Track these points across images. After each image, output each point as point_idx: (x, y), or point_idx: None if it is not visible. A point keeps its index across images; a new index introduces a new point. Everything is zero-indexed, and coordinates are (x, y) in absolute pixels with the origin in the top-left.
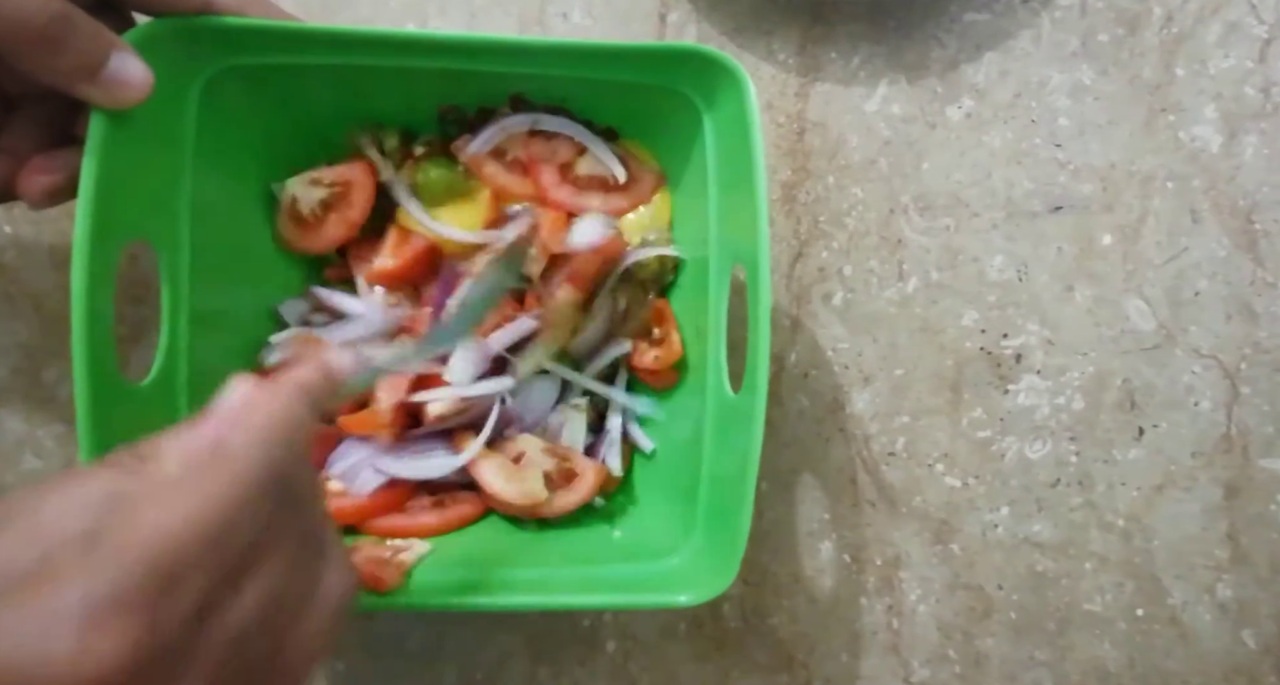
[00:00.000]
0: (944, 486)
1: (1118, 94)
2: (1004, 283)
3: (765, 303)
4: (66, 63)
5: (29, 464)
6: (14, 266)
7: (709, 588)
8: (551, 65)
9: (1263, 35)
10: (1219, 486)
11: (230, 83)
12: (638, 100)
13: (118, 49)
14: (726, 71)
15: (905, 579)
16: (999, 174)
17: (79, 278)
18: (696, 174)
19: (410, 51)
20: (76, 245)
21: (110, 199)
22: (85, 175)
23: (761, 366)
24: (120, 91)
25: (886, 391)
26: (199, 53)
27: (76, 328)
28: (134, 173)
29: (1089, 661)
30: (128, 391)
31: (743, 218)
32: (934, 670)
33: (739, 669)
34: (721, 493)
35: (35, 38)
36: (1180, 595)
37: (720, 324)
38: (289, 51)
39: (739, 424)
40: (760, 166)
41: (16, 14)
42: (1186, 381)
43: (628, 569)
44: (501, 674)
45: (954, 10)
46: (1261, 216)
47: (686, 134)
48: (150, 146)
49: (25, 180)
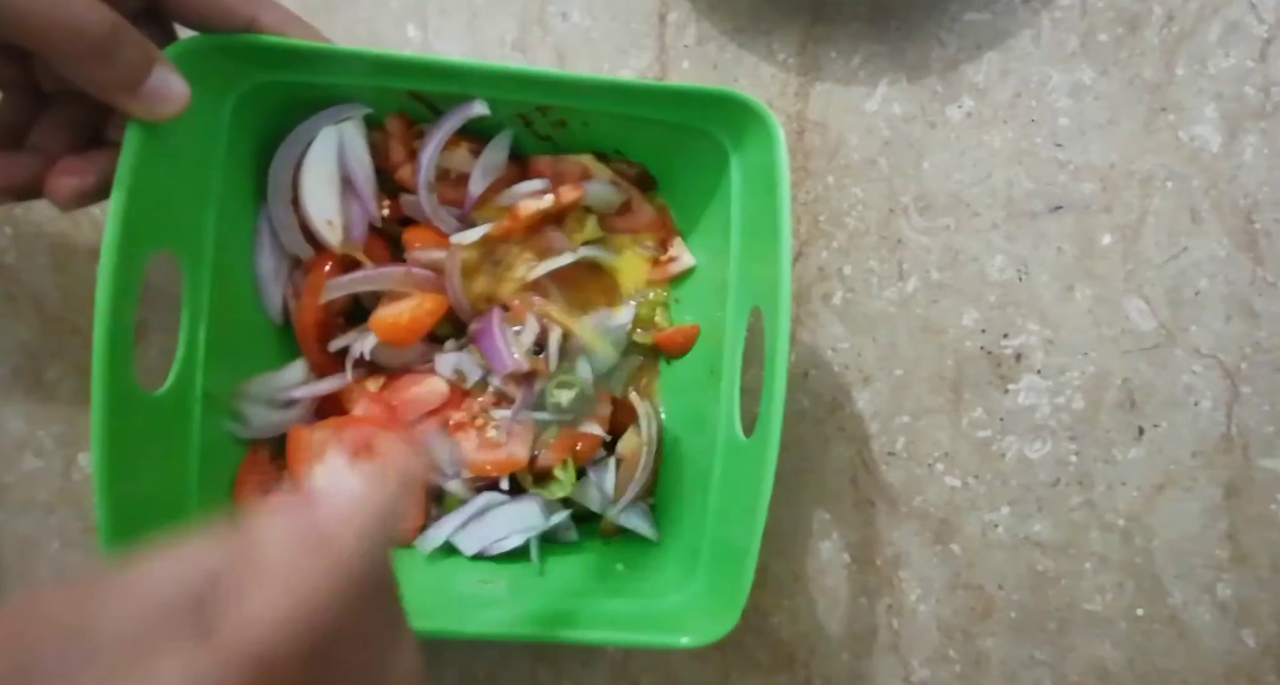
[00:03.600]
0: (944, 486)
1: (1118, 93)
2: (1004, 282)
3: (784, 348)
4: (112, 75)
5: (29, 464)
6: (15, 267)
7: (711, 631)
8: (582, 99)
9: (1263, 35)
10: (1219, 486)
11: (262, 98)
12: (666, 138)
13: (160, 64)
14: (757, 116)
15: (905, 579)
16: (999, 174)
17: (105, 286)
18: (719, 214)
19: (445, 78)
20: (104, 253)
21: (140, 209)
22: (118, 185)
23: (775, 413)
24: (158, 105)
25: (886, 391)
26: (235, 69)
27: (98, 336)
28: (165, 184)
29: (1089, 661)
30: (142, 400)
31: (765, 262)
32: (934, 670)
33: (739, 669)
34: (728, 535)
35: (88, 48)
36: (1180, 595)
37: (735, 365)
38: (324, 72)
39: (749, 469)
40: (786, 213)
41: (74, 23)
42: (1187, 381)
43: (630, 604)
44: (502, 675)
45: (954, 10)
46: (1262, 216)
47: (712, 174)
48: (182, 159)
49: (54, 180)
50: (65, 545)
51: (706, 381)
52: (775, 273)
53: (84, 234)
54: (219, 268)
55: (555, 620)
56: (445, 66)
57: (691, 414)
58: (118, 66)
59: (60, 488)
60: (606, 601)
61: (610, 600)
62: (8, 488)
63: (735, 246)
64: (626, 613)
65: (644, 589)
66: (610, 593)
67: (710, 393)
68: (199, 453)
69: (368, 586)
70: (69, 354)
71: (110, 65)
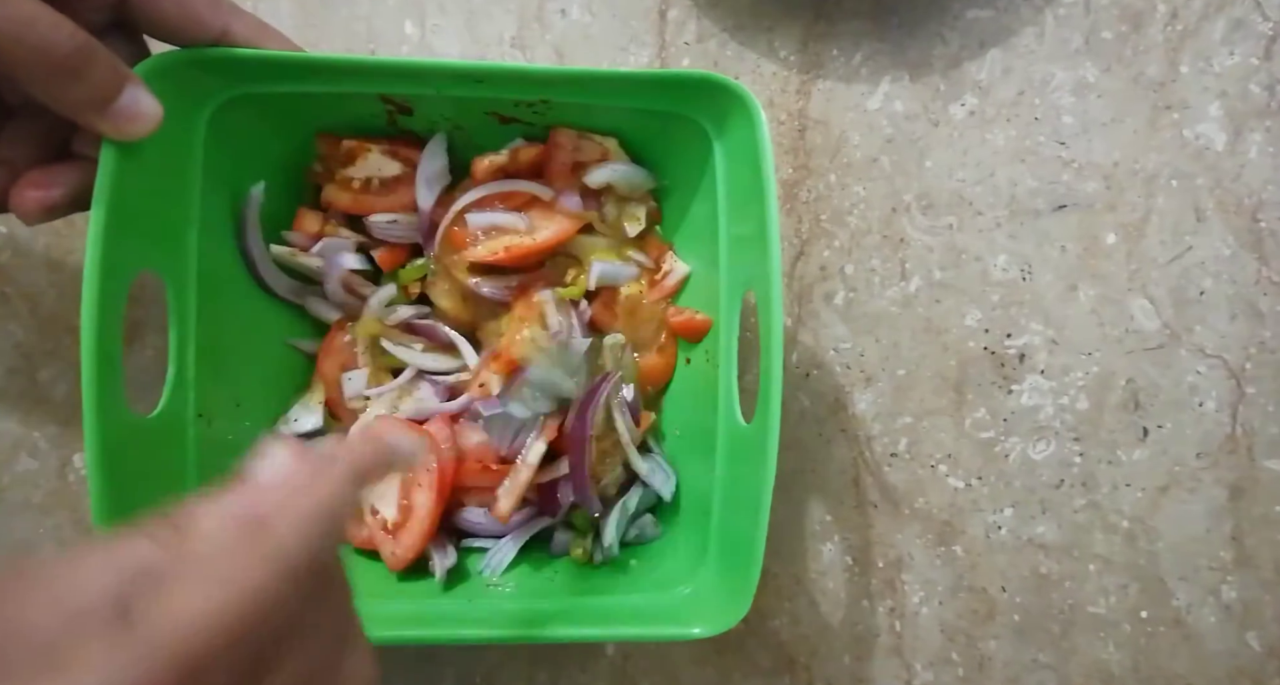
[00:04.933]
0: (947, 488)
1: (1122, 91)
2: (1007, 282)
3: (778, 330)
4: (80, 94)
5: (24, 465)
6: (9, 266)
7: (722, 620)
8: (564, 92)
9: (1268, 32)
10: (1224, 488)
11: (237, 111)
12: (649, 125)
13: (130, 83)
14: (738, 99)
15: (908, 581)
16: (1002, 172)
17: (89, 311)
18: (706, 200)
19: (422, 80)
20: (87, 278)
21: (121, 230)
22: (96, 206)
23: (774, 396)
24: (129, 125)
25: (889, 392)
26: (209, 82)
27: (86, 361)
28: (143, 203)
29: (1093, 664)
30: (135, 424)
31: (753, 244)
32: (937, 673)
33: (740, 672)
34: (734, 523)
35: (56, 67)
36: (1184, 597)
37: (731, 350)
38: (300, 80)
39: (751, 455)
40: (772, 194)
41: (41, 41)
42: (1191, 382)
43: (640, 599)
44: (500, 678)
45: (957, 7)
46: (1266, 215)
47: (697, 159)
48: (159, 176)
49: (19, 194)
50: (61, 547)
51: (704, 371)
52: (764, 251)
53: (79, 234)
54: (205, 287)
55: (564, 619)
56: (419, 68)
57: (691, 406)
58: (86, 86)
59: (55, 489)
60: (614, 597)
61: (618, 596)
62: (2, 489)
63: (723, 232)
64: (635, 607)
65: (652, 582)
66: (618, 588)
67: (709, 382)
68: (196, 473)
69: (308, 580)
70: (63, 354)
71: (79, 84)
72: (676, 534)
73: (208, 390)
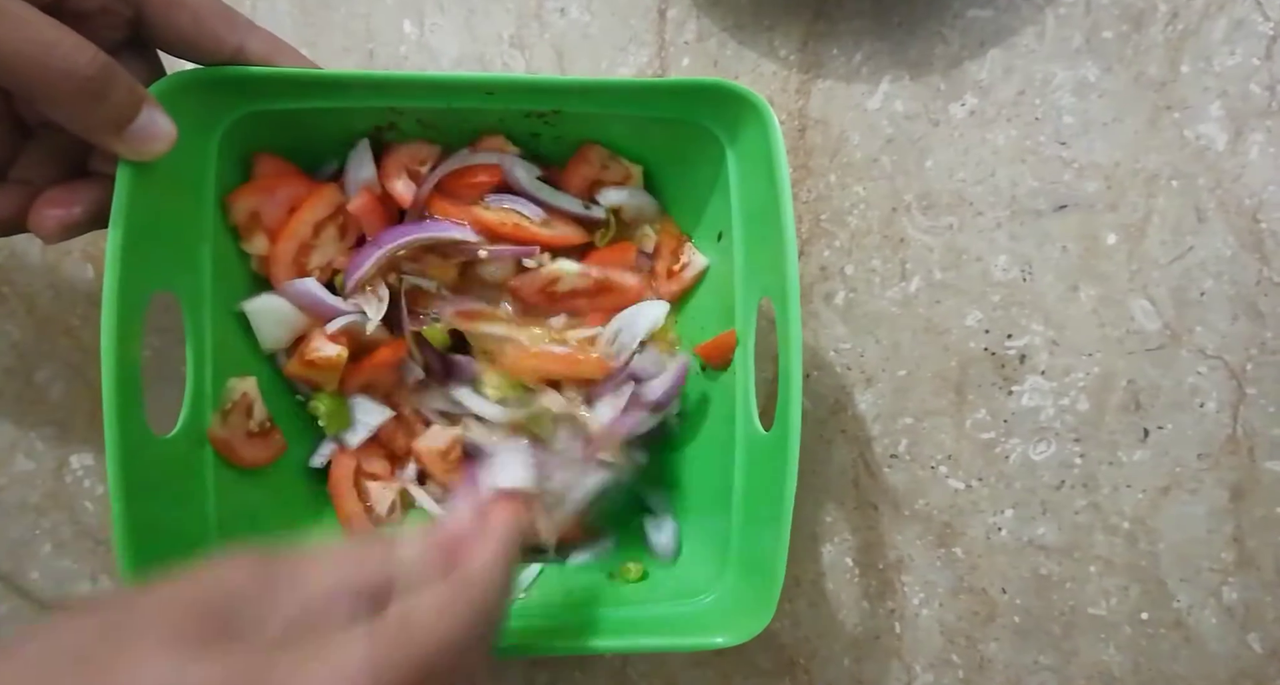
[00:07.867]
0: (947, 489)
1: (1122, 91)
2: (1008, 282)
3: (796, 337)
4: (99, 116)
5: (21, 465)
6: (6, 267)
7: (745, 629)
8: (577, 102)
9: (1269, 32)
10: (1225, 489)
11: (250, 127)
12: (661, 134)
13: (147, 104)
14: (751, 106)
15: (908, 582)
16: (1003, 172)
17: (108, 334)
18: (720, 208)
19: (435, 94)
20: (106, 297)
21: (138, 249)
22: (113, 226)
23: (794, 403)
24: (144, 146)
25: (889, 392)
26: (224, 100)
27: (106, 382)
28: (158, 223)
29: (1093, 666)
30: (154, 444)
31: (769, 250)
32: (937, 675)
33: (740, 674)
34: (755, 531)
35: (77, 90)
36: (1186, 599)
37: (748, 358)
38: (313, 97)
39: (771, 463)
40: (787, 200)
41: (64, 64)
42: (1192, 382)
43: (662, 609)
44: (500, 678)
45: (957, 7)
46: (1267, 215)
47: (710, 167)
48: (173, 195)
49: (38, 213)
50: (57, 547)
51: (721, 379)
52: (781, 259)
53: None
54: (218, 306)
55: (585, 630)
56: (435, 82)
57: (708, 414)
58: (105, 108)
59: (52, 489)
60: (635, 608)
61: (638, 606)
62: (1, 489)
63: (738, 240)
64: (656, 617)
65: (672, 592)
66: (638, 598)
67: (725, 390)
68: (215, 492)
69: (488, 633)
70: (60, 355)
71: (98, 106)
72: (696, 543)
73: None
